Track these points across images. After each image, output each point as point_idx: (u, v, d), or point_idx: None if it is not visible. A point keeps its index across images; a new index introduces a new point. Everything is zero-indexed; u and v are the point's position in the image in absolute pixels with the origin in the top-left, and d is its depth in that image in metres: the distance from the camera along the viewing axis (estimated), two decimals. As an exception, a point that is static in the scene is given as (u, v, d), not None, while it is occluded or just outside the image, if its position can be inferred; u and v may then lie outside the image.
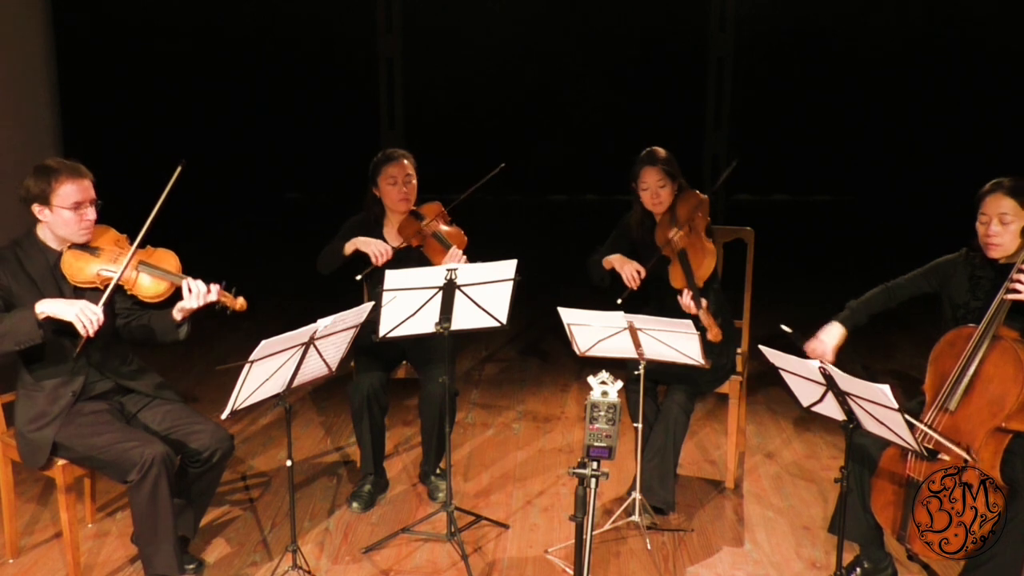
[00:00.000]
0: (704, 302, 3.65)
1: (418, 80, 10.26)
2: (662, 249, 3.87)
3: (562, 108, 10.17)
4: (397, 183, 4.10)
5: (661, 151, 3.99)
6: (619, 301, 3.64)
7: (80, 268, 3.20)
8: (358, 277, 4.01)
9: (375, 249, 3.98)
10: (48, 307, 3.04)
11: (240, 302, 3.29)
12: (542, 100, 10.15)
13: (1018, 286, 2.98)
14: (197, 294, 3.19)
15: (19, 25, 6.84)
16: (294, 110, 10.02)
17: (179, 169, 3.20)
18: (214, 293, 3.22)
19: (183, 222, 3.34)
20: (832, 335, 3.43)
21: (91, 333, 3.05)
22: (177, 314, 3.26)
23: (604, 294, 3.84)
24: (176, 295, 3.25)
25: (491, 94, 10.11)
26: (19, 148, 6.69)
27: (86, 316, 3.03)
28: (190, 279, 3.21)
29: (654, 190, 3.95)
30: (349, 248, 4.03)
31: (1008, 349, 2.96)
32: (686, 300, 3.68)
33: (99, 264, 3.21)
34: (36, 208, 3.16)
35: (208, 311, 3.25)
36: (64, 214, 3.14)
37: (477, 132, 10.04)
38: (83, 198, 3.16)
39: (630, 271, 3.86)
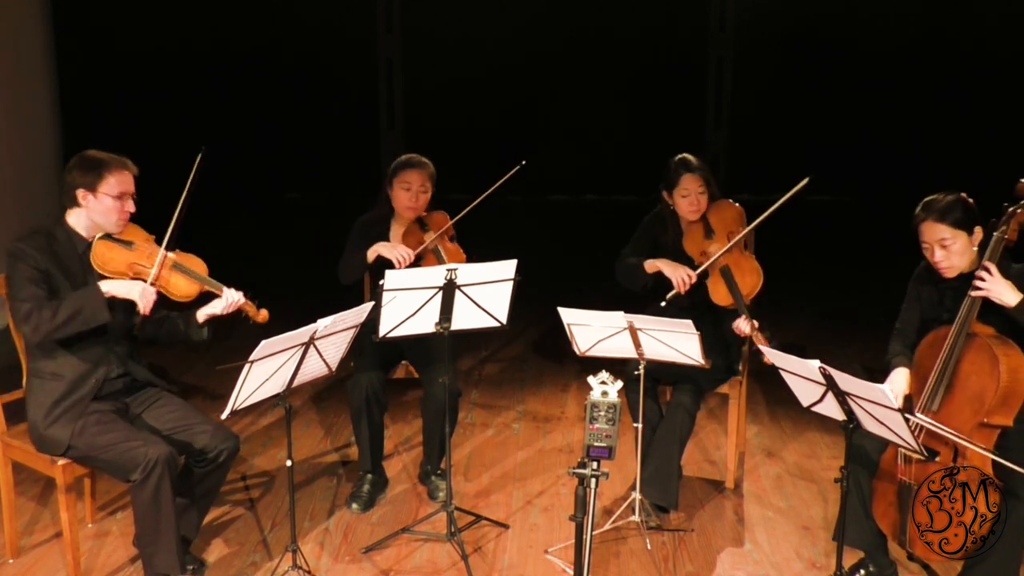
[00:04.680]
0: (756, 323, 3.62)
1: (418, 80, 10.25)
2: (695, 260, 3.87)
3: (562, 108, 10.16)
4: (411, 190, 4.08)
5: (694, 158, 3.98)
6: (663, 304, 3.62)
7: (112, 259, 3.23)
8: (382, 282, 3.95)
9: (399, 254, 3.97)
10: (112, 287, 3.14)
11: (263, 314, 3.37)
12: (542, 100, 10.14)
13: (979, 283, 3.02)
14: (229, 303, 3.29)
15: (19, 25, 6.84)
16: (294, 110, 10.01)
17: (199, 157, 3.32)
18: (242, 301, 3.31)
19: (188, 226, 3.35)
20: (900, 382, 3.29)
21: (147, 311, 3.17)
22: (201, 316, 3.34)
23: (636, 298, 3.81)
24: (200, 299, 3.32)
25: (491, 94, 10.10)
26: (19, 148, 6.70)
27: (147, 295, 3.15)
28: (223, 286, 3.30)
29: (694, 196, 3.93)
30: (372, 256, 4.03)
31: (983, 345, 3.00)
32: (739, 323, 3.65)
33: (132, 257, 3.25)
34: (80, 193, 3.21)
35: (230, 317, 3.33)
36: (107, 202, 3.21)
37: (477, 132, 10.03)
38: (127, 189, 3.26)
39: (682, 275, 3.84)
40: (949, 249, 3.13)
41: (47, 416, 3.22)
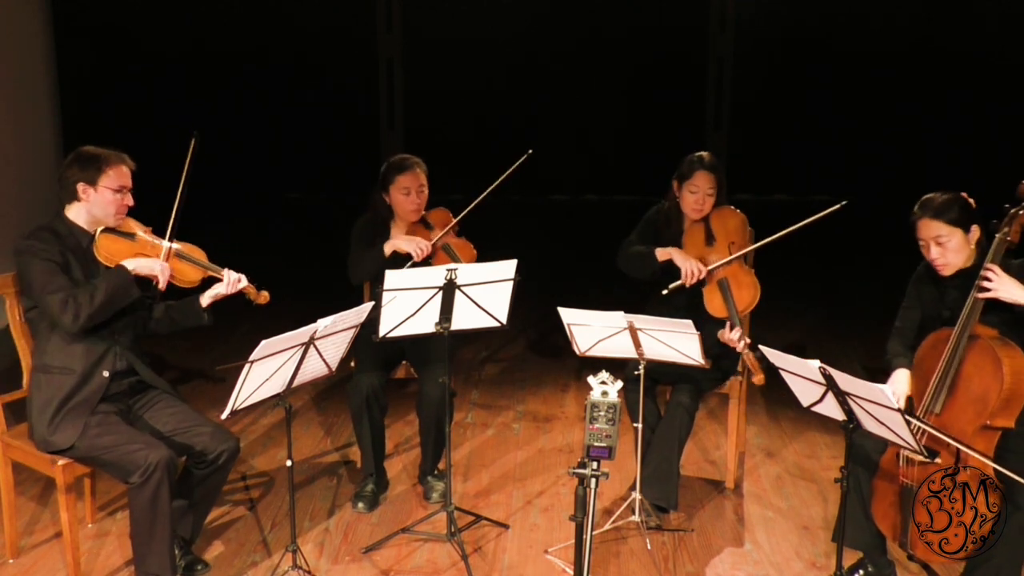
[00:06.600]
0: (748, 340, 3.60)
1: (418, 80, 10.25)
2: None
3: (562, 108, 10.16)
4: (411, 194, 4.07)
5: (712, 156, 3.97)
6: (664, 292, 3.60)
7: (118, 251, 3.28)
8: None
9: (417, 247, 4.00)
10: (136, 264, 3.24)
11: (264, 295, 3.50)
12: (542, 100, 10.14)
13: (986, 284, 3.00)
14: (230, 282, 3.41)
15: (19, 25, 6.84)
16: (294, 110, 10.01)
17: (192, 143, 3.44)
18: (244, 282, 3.43)
19: (182, 222, 3.38)
20: (902, 383, 3.27)
21: (164, 287, 3.30)
22: (206, 300, 3.44)
23: (637, 297, 3.79)
24: (203, 284, 3.44)
25: (491, 94, 10.10)
26: (19, 148, 6.70)
27: (165, 271, 3.29)
28: (223, 269, 3.42)
29: (702, 195, 3.91)
30: (389, 250, 4.03)
31: (986, 348, 2.98)
32: (730, 335, 3.64)
33: (137, 248, 3.32)
34: (81, 188, 3.26)
35: (233, 299, 3.47)
36: (107, 195, 3.27)
37: (477, 132, 10.03)
38: (126, 183, 3.32)
39: (692, 267, 3.81)
40: (945, 247, 3.12)
41: (54, 416, 3.22)
